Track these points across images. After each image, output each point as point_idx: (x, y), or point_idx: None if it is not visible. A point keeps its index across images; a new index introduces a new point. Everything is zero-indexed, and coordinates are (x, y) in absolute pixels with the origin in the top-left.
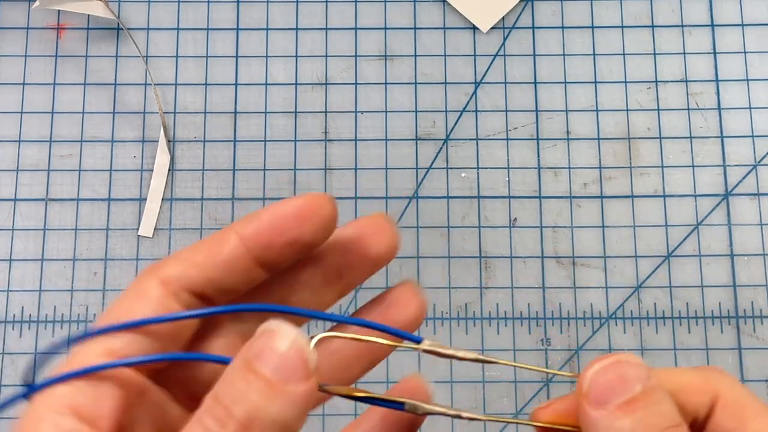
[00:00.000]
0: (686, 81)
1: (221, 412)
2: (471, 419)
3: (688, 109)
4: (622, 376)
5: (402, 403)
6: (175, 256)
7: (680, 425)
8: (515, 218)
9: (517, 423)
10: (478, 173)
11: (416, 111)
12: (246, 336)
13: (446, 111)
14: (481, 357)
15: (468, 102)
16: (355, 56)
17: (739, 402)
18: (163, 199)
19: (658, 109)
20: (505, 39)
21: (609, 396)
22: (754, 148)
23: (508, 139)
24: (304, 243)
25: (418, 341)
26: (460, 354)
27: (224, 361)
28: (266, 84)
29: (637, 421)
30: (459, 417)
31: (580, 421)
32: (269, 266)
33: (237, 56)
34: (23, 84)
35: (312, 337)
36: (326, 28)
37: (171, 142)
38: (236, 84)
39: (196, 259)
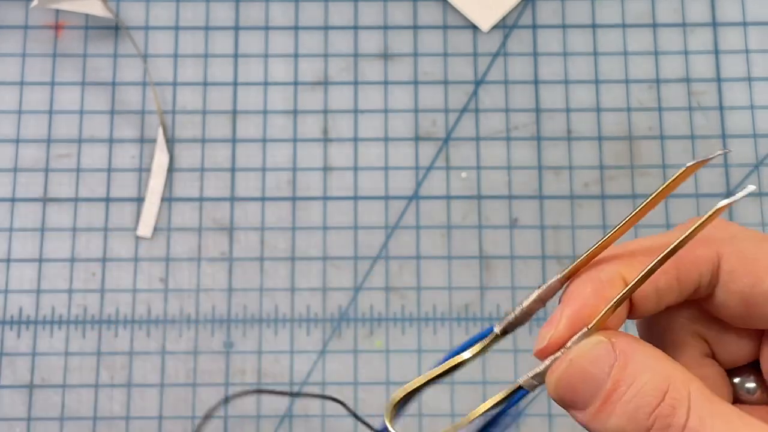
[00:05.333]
0: (688, 80)
1: None
2: None
3: (690, 108)
4: (584, 375)
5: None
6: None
7: (670, 392)
8: (516, 218)
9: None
10: (478, 173)
11: (416, 111)
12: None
13: (446, 110)
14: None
15: (468, 101)
16: (355, 55)
17: (746, 258)
18: (161, 199)
19: (660, 109)
20: (505, 38)
21: (584, 401)
22: (756, 148)
23: (508, 138)
24: None
25: (489, 331)
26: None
27: None
28: (265, 83)
29: (622, 419)
30: None
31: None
32: None
33: (236, 55)
34: (21, 83)
35: None
36: (326, 27)
37: (170, 142)
38: (235, 83)
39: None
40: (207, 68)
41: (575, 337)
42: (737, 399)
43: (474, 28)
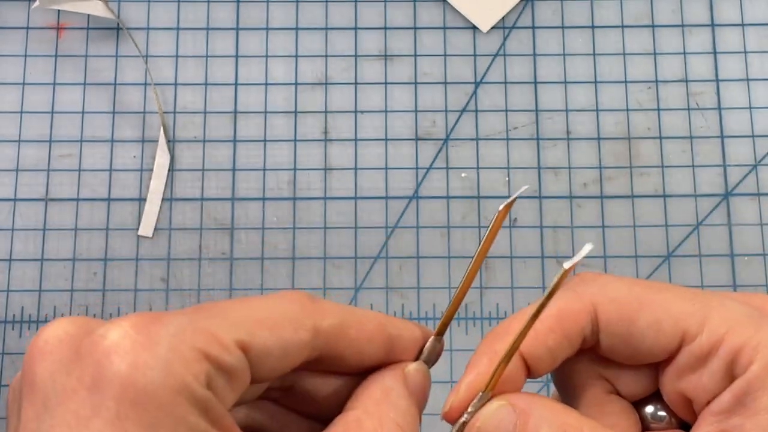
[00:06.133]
0: (686, 81)
1: None
2: None
3: (689, 108)
4: None
5: None
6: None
7: (570, 426)
8: (515, 218)
9: None
10: (478, 173)
11: (416, 111)
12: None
13: (446, 111)
14: None
15: (468, 102)
16: (355, 56)
17: (617, 303)
18: (162, 199)
19: (659, 109)
20: (505, 39)
21: None
22: (754, 148)
23: (508, 139)
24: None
25: None
26: None
27: None
28: (266, 84)
29: None
30: None
31: None
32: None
33: (237, 56)
34: (23, 84)
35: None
36: (326, 28)
37: (171, 142)
38: (236, 84)
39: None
40: (208, 69)
41: (474, 401)
42: (648, 427)
43: (474, 28)
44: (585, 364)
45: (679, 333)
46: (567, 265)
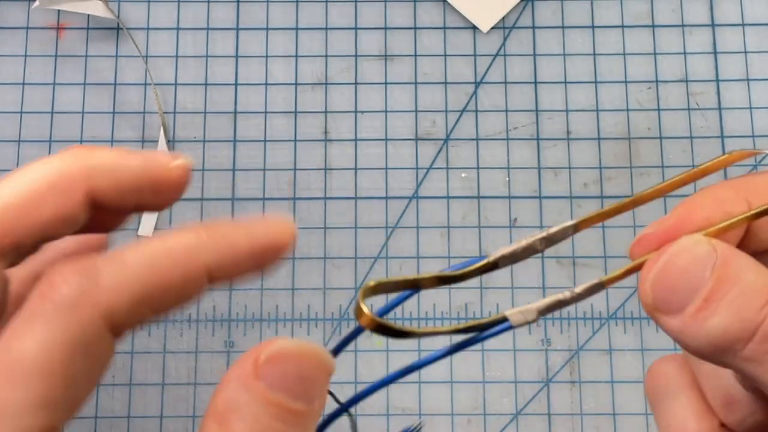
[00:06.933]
0: (687, 81)
1: None
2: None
3: (689, 108)
4: (684, 272)
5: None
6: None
7: None
8: (515, 218)
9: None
10: (478, 173)
11: (416, 111)
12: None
13: (446, 111)
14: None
15: (468, 102)
16: (355, 56)
17: None
18: None
19: (659, 109)
20: (505, 39)
21: (682, 302)
22: (754, 148)
23: (508, 139)
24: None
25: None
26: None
27: None
28: (266, 84)
29: (726, 316)
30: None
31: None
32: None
33: (237, 56)
34: (23, 84)
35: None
36: (326, 28)
37: (171, 142)
38: (236, 84)
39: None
40: (208, 69)
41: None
42: None
43: (474, 28)
44: None
45: None
46: None
